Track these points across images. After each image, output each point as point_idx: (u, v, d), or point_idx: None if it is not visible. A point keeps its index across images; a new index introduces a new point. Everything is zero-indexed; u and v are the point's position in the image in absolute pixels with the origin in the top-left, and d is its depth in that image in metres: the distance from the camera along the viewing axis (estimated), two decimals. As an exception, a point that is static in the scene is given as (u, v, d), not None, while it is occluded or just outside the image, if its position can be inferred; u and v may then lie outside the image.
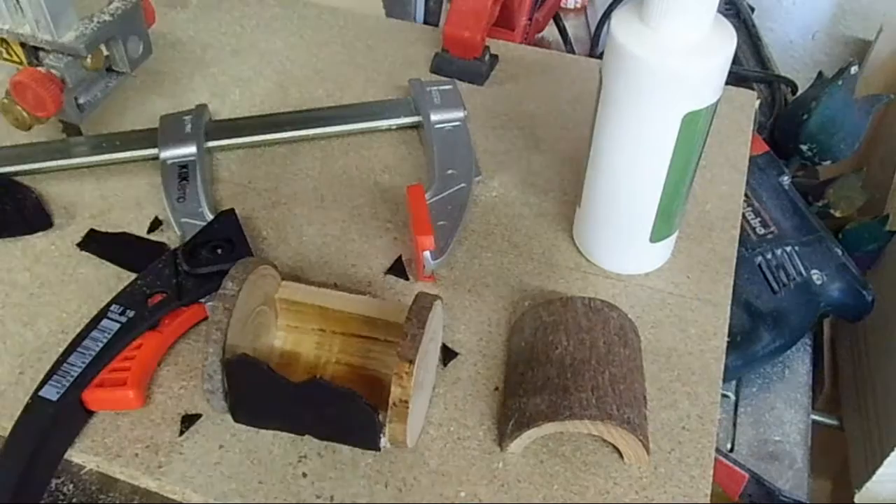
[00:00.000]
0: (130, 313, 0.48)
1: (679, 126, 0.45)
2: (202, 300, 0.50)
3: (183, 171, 0.59)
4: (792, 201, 0.74)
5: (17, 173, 0.60)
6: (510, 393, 0.46)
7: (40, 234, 0.56)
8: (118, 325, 0.47)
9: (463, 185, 0.59)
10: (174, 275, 0.50)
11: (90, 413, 0.46)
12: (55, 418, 0.44)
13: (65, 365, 0.45)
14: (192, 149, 0.60)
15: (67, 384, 0.44)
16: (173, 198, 0.57)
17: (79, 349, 0.46)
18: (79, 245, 0.56)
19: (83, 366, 0.45)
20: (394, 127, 0.65)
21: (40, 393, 0.44)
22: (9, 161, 0.61)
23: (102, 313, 0.48)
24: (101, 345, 0.46)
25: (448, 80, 0.68)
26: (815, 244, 0.72)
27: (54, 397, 0.44)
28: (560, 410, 0.42)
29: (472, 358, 0.49)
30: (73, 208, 0.58)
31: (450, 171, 0.59)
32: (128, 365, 0.46)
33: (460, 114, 0.64)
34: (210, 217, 0.55)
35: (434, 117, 0.63)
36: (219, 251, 0.51)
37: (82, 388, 0.45)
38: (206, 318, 0.51)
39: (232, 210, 0.55)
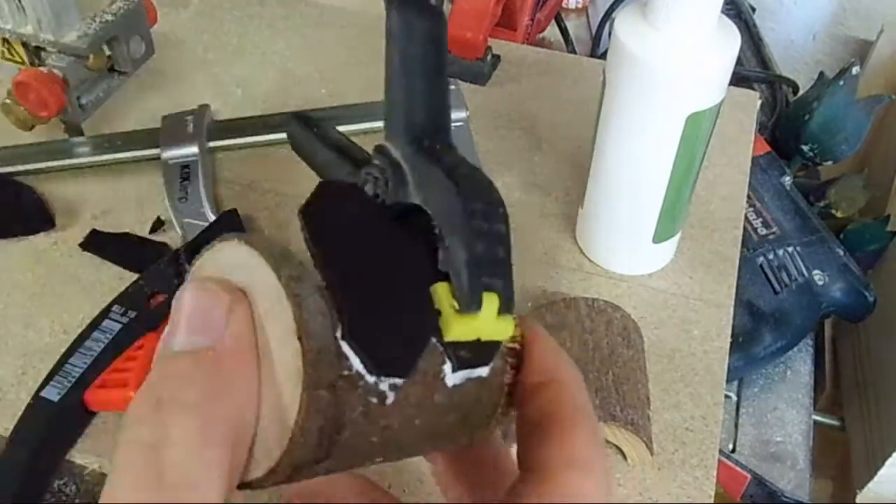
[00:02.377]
0: (132, 314, 0.48)
1: (683, 127, 0.45)
2: None
3: (185, 172, 0.59)
4: (793, 202, 0.75)
5: (19, 173, 0.60)
6: (513, 394, 0.46)
7: (42, 234, 0.56)
8: (119, 326, 0.47)
9: (466, 185, 0.58)
10: (175, 275, 0.50)
11: (91, 414, 0.45)
12: (56, 419, 0.43)
13: (66, 366, 0.45)
14: (193, 149, 0.60)
15: (69, 385, 0.44)
16: (175, 198, 0.57)
17: (80, 350, 0.46)
18: (81, 245, 0.55)
19: (85, 366, 0.45)
20: (396, 127, 0.65)
21: (42, 394, 0.44)
22: (11, 161, 0.60)
23: (104, 314, 0.48)
24: (102, 345, 0.46)
25: (450, 80, 0.68)
26: (816, 245, 0.72)
27: (56, 398, 0.44)
28: (564, 411, 0.42)
29: (475, 359, 0.49)
30: (75, 208, 0.58)
31: (452, 172, 0.59)
32: (129, 366, 0.46)
33: (462, 114, 0.64)
34: (212, 217, 0.55)
35: (436, 117, 0.63)
36: None
37: (84, 389, 0.44)
38: None
39: (234, 210, 0.55)
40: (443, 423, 0.28)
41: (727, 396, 0.71)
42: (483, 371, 0.28)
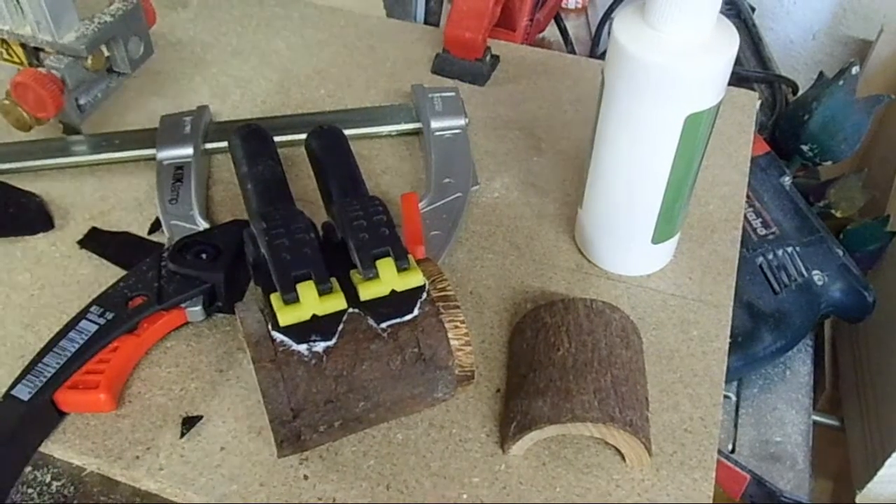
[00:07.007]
0: (109, 315, 0.47)
1: (681, 128, 0.45)
2: (182, 305, 0.49)
3: (178, 173, 0.59)
4: (793, 202, 0.75)
5: (17, 170, 0.60)
6: (512, 395, 0.46)
7: (41, 234, 0.56)
8: (96, 327, 0.46)
9: (459, 194, 0.58)
10: (156, 277, 0.49)
11: (63, 414, 0.45)
12: (25, 418, 0.43)
13: (39, 365, 0.45)
14: (188, 150, 0.60)
15: (40, 384, 0.44)
16: (165, 199, 0.56)
17: (55, 349, 0.45)
18: (79, 242, 0.55)
19: (57, 367, 0.44)
20: (394, 133, 0.65)
21: (12, 392, 0.43)
22: (8, 158, 0.60)
23: (82, 314, 0.47)
24: (77, 346, 0.45)
25: (450, 87, 0.67)
26: (816, 245, 0.72)
27: (25, 397, 0.43)
28: (562, 412, 0.42)
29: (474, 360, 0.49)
30: (74, 208, 0.58)
31: (447, 180, 0.59)
32: (102, 368, 0.45)
33: (461, 122, 0.63)
34: (200, 221, 0.55)
35: (434, 124, 0.63)
36: (203, 256, 0.50)
37: (55, 389, 0.44)
38: (185, 323, 0.50)
39: (245, 224, 0.53)
40: (396, 363, 0.40)
41: (727, 397, 0.71)
42: (409, 316, 0.40)
